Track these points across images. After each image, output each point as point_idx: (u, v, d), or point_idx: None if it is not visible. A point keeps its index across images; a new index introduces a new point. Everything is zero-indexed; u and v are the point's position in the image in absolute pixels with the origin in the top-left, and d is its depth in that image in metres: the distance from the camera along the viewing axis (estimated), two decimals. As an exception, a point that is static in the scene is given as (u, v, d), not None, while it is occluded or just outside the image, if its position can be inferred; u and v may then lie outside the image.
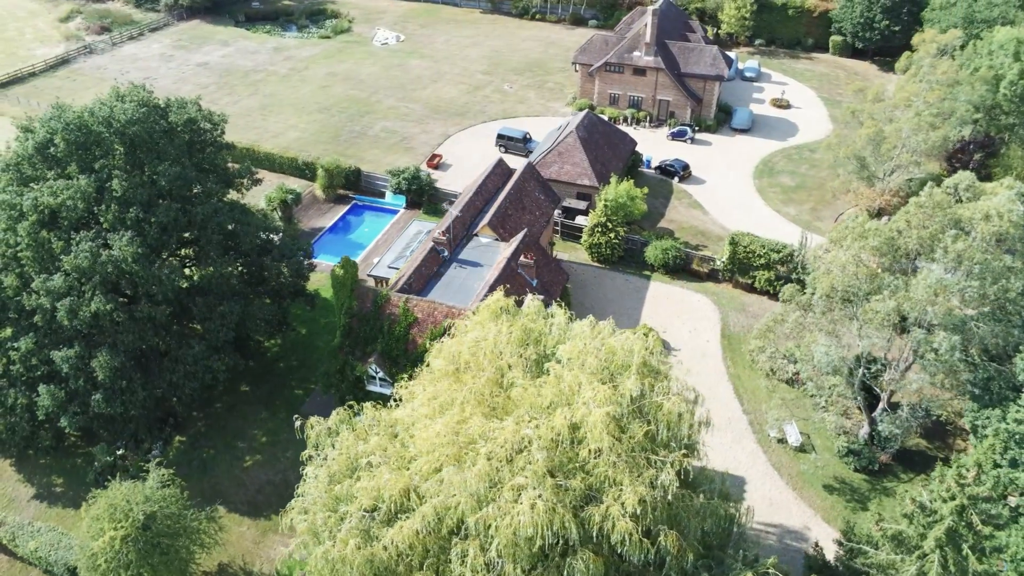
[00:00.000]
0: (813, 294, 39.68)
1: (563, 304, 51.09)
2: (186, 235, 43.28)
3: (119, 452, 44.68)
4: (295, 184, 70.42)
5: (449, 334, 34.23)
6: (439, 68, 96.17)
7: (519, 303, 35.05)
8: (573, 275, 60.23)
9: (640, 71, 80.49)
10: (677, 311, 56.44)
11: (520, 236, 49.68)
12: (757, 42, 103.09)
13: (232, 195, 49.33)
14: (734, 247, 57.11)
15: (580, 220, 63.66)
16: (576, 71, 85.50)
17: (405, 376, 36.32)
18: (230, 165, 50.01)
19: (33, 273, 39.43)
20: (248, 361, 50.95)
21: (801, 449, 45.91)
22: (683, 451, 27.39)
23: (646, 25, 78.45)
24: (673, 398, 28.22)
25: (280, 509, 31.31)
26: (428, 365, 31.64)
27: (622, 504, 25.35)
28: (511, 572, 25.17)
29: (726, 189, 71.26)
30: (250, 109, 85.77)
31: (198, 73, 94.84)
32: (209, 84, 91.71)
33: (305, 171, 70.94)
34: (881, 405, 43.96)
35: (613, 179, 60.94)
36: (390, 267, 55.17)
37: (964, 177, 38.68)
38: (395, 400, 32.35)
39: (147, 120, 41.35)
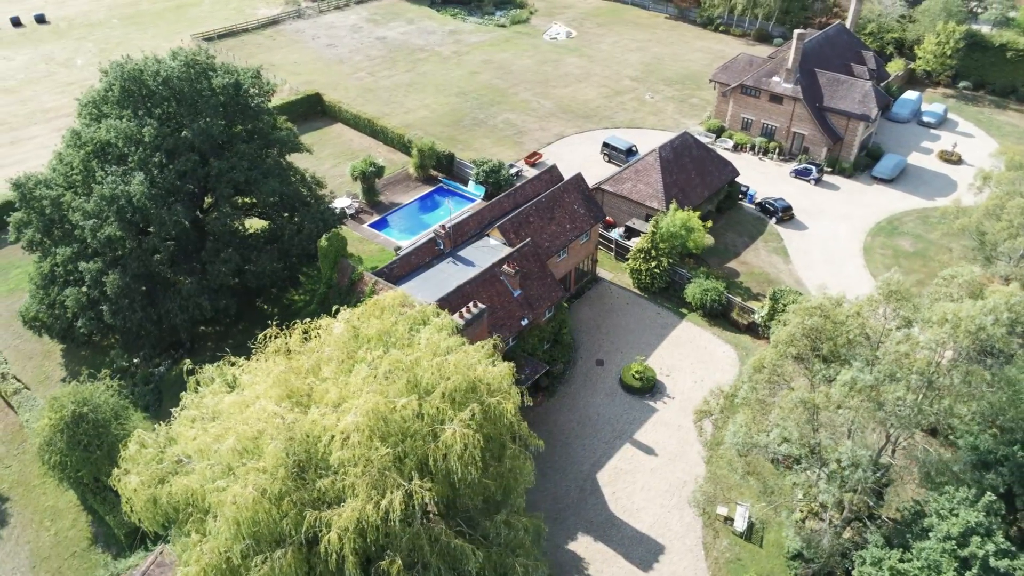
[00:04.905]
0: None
1: (558, 318, 50.45)
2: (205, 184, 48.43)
3: (135, 360, 51.61)
4: (399, 159, 74.93)
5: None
6: (591, 68, 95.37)
7: (409, 304, 35.27)
8: (607, 296, 57.95)
9: (777, 98, 73.98)
10: (693, 358, 52.20)
11: (520, 245, 48.95)
12: (961, 84, 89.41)
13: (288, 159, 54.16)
14: (775, 303, 51.46)
15: (634, 242, 60.79)
16: (715, 89, 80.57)
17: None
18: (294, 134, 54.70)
19: (78, 194, 46.63)
20: (272, 308, 55.98)
21: (746, 536, 41.00)
22: (427, 481, 26.31)
23: (791, 49, 71.89)
24: (455, 429, 27.15)
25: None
26: (263, 339, 33.22)
27: (339, 515, 25.24)
28: (232, 548, 26.16)
29: (826, 241, 63.70)
30: (399, 84, 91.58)
31: (373, 46, 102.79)
32: (377, 57, 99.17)
33: (408, 149, 74.82)
34: (845, 512, 37.94)
35: (672, 206, 57.41)
36: (418, 250, 56.94)
37: (964, 271, 31.72)
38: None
39: (188, 79, 46.81)
